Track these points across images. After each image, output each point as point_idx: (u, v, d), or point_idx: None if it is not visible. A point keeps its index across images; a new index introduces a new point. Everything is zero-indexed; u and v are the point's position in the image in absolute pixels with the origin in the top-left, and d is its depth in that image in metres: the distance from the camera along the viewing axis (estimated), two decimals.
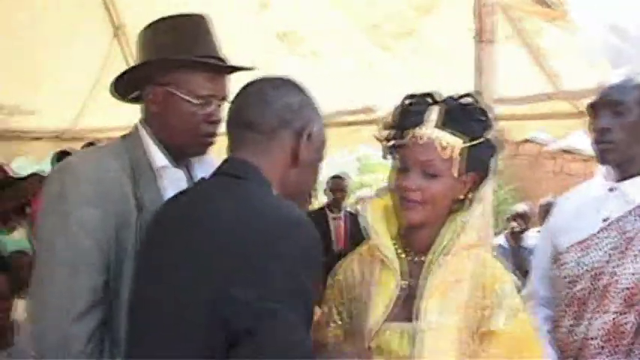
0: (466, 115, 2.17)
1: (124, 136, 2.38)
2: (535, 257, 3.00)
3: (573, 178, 11.03)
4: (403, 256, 2.22)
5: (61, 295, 2.09)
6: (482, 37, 2.67)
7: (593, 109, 2.61)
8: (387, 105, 6.05)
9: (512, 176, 12.20)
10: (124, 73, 2.35)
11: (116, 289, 2.15)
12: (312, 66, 6.03)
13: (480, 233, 2.23)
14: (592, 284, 2.56)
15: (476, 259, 2.17)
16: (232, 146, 2.03)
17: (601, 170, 2.73)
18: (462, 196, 2.19)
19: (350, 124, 6.89)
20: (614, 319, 2.50)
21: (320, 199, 8.78)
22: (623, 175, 2.62)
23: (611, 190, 2.64)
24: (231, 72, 2.36)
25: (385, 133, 2.23)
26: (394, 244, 2.23)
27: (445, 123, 2.14)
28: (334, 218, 7.47)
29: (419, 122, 2.16)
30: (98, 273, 2.12)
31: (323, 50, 5.85)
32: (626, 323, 2.49)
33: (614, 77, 2.69)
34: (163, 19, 2.37)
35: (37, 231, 2.26)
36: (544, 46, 4.66)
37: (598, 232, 2.58)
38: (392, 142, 2.21)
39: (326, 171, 8.26)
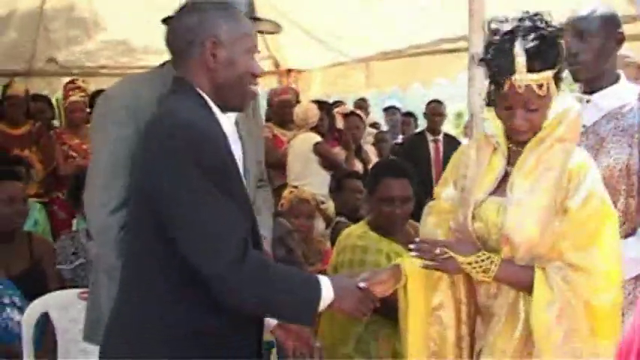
0: (549, 46, 2.42)
1: (162, 64, 2.83)
2: None
3: None
4: (510, 145, 2.57)
5: (101, 193, 2.64)
6: None
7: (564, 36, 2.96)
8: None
9: None
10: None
11: None
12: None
13: (573, 129, 2.53)
14: None
15: (566, 151, 2.48)
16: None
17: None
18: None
19: (451, 51, 7.18)
20: None
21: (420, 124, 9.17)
22: (592, 89, 3.08)
23: (587, 101, 3.06)
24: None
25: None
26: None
27: (535, 64, 2.40)
28: (433, 140, 7.73)
29: (512, 70, 2.40)
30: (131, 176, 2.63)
31: None
32: None
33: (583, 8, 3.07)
34: None
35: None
36: None
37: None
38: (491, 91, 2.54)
39: (436, 95, 8.64)
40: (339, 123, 7.54)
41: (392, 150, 8.36)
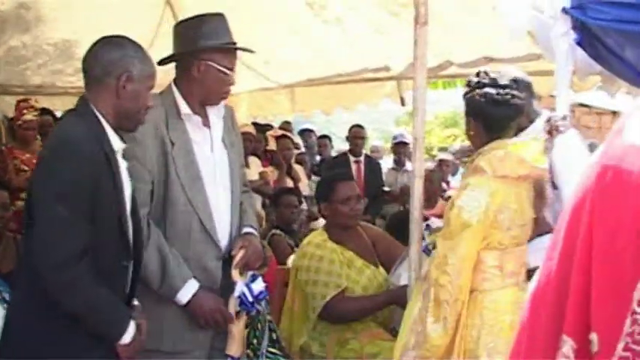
0: None
1: (160, 92, 3.35)
2: None
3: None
4: None
5: None
6: (418, 20, 3.52)
7: None
8: (400, 65, 6.93)
9: None
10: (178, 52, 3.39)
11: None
12: (337, 31, 6.92)
13: None
14: None
15: None
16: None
17: None
18: None
19: (373, 80, 7.84)
20: None
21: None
22: None
23: None
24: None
25: None
26: None
27: None
28: (355, 161, 8.48)
29: None
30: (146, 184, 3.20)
31: (344, 16, 6.71)
32: None
33: None
34: (198, 16, 3.38)
35: None
36: None
37: None
38: None
39: (355, 119, 9.30)
40: (271, 144, 8.10)
41: (314, 169, 8.98)
